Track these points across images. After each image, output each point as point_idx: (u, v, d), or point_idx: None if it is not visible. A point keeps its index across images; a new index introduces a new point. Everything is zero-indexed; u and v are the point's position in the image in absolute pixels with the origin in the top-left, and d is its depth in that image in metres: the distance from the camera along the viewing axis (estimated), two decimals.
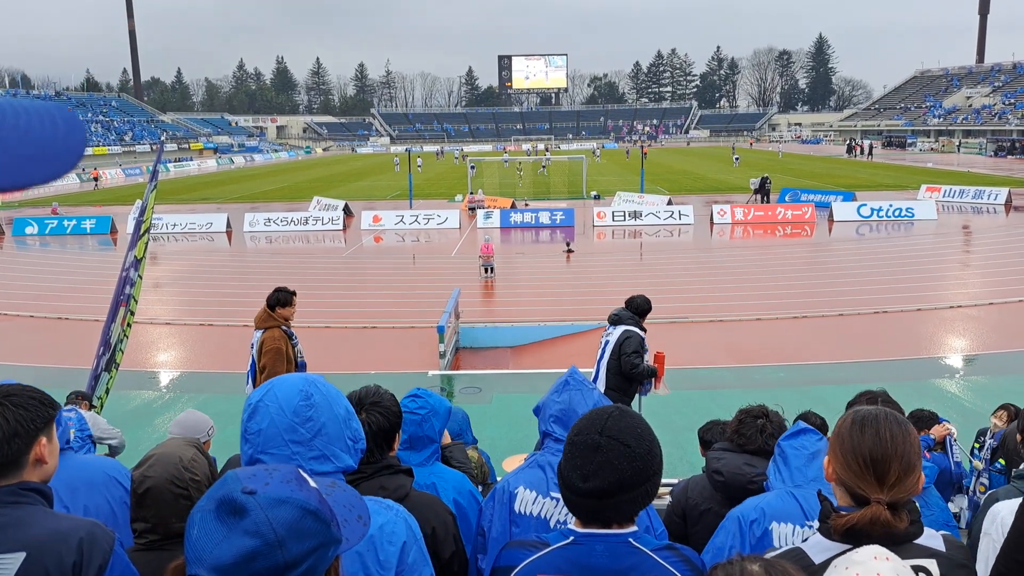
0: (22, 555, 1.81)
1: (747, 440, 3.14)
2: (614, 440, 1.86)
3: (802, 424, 2.76)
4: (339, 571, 1.32)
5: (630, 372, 6.82)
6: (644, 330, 7.12)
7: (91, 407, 5.86)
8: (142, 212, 6.22)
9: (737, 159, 61.80)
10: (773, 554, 1.80)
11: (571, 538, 1.92)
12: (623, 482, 1.84)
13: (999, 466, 5.46)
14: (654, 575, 1.84)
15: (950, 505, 5.56)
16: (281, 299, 6.75)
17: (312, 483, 1.31)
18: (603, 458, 1.85)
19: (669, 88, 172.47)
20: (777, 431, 3.13)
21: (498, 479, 3.78)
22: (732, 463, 3.10)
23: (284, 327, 6.76)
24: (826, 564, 1.63)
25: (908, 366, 11.63)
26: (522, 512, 2.57)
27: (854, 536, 1.73)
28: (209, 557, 1.16)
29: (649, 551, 1.87)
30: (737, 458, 3.12)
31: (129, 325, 6.34)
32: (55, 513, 1.97)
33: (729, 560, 1.20)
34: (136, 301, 6.38)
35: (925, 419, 5.57)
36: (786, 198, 32.93)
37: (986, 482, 5.60)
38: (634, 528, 1.91)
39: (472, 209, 31.72)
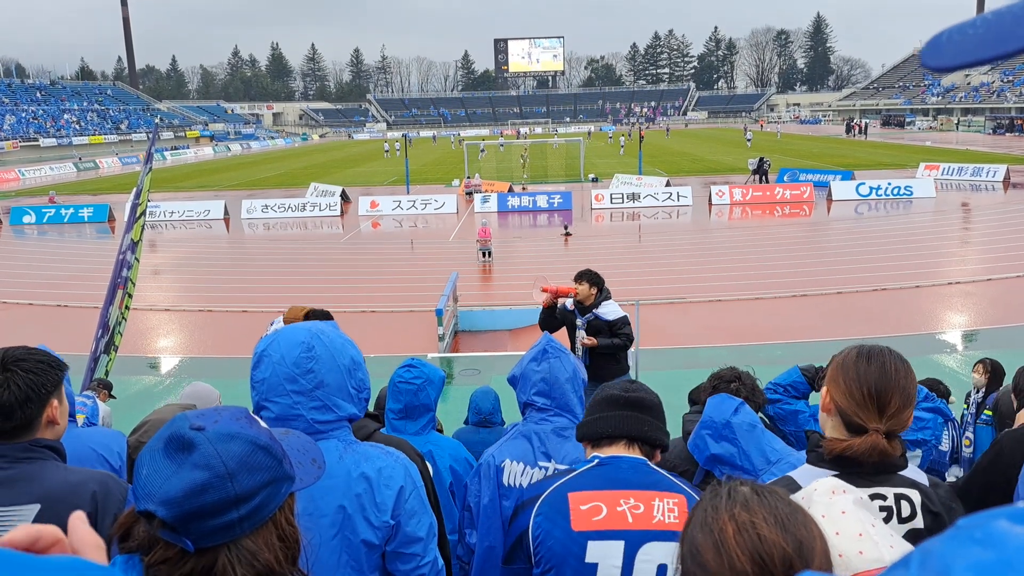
0: (36, 507, 1.87)
1: None
2: (639, 385, 2.27)
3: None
4: (293, 509, 1.30)
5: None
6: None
7: (109, 396, 5.85)
8: (137, 195, 6.21)
9: (749, 139, 60.93)
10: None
11: (596, 461, 2.09)
12: (656, 402, 2.19)
13: (985, 417, 5.52)
14: (674, 489, 2.05)
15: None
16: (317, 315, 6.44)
17: (263, 424, 1.30)
18: (640, 385, 2.24)
19: (667, 70, 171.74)
20: (750, 393, 3.19)
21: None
22: None
23: None
24: None
25: (907, 342, 11.65)
26: (511, 484, 2.58)
27: (844, 462, 1.78)
28: (159, 492, 1.14)
29: (666, 473, 2.09)
30: None
31: (127, 308, 6.35)
32: (67, 467, 2.04)
33: (719, 481, 1.21)
34: (134, 284, 6.39)
35: (941, 392, 5.60)
36: (784, 178, 32.85)
37: (971, 436, 5.65)
38: (648, 460, 2.12)
39: (469, 193, 31.63)
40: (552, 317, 6.53)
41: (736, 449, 2.46)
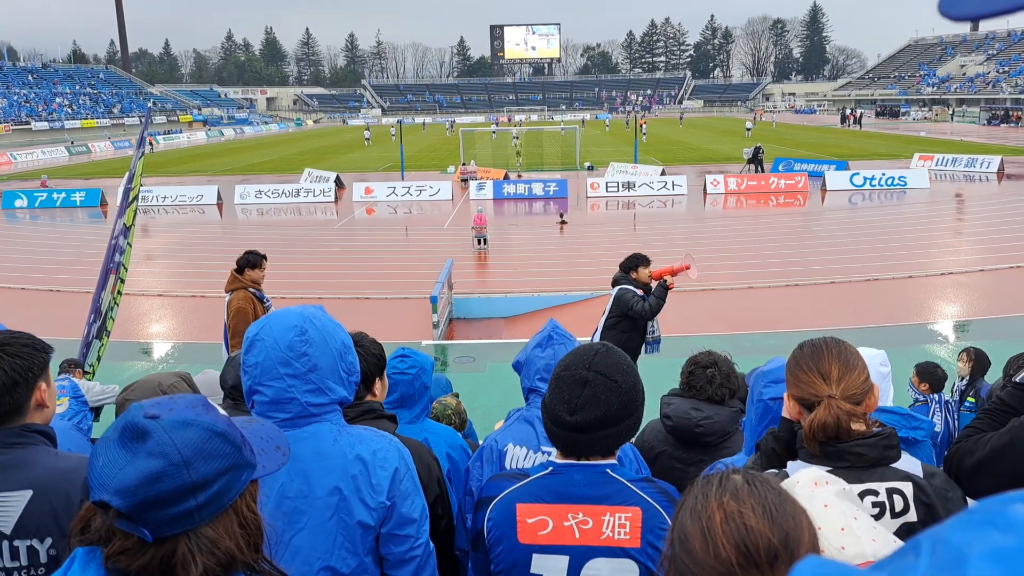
0: (28, 493, 1.87)
1: (698, 391, 3.20)
2: (601, 375, 1.91)
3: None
4: (255, 497, 1.29)
5: (639, 316, 6.79)
6: (640, 283, 7.05)
7: (84, 374, 5.83)
8: (130, 180, 6.17)
9: (750, 129, 60.43)
10: None
11: (550, 468, 1.98)
12: (609, 416, 1.90)
13: (968, 404, 5.65)
14: (630, 502, 1.90)
15: None
16: (251, 261, 6.76)
17: (221, 411, 1.29)
18: (591, 392, 1.90)
19: (663, 58, 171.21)
20: (725, 379, 3.18)
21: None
22: (680, 408, 3.18)
23: (253, 290, 6.76)
24: None
25: (900, 332, 11.69)
26: (513, 469, 2.57)
27: (834, 456, 1.78)
28: (113, 481, 1.13)
29: (626, 481, 1.94)
30: (684, 403, 3.20)
31: (119, 293, 6.31)
32: (59, 452, 2.03)
33: (714, 471, 1.21)
34: (126, 269, 6.35)
35: (939, 379, 5.69)
36: (779, 168, 32.86)
37: (956, 423, 5.81)
38: (613, 460, 1.97)
39: (465, 180, 31.56)
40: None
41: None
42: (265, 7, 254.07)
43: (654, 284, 6.89)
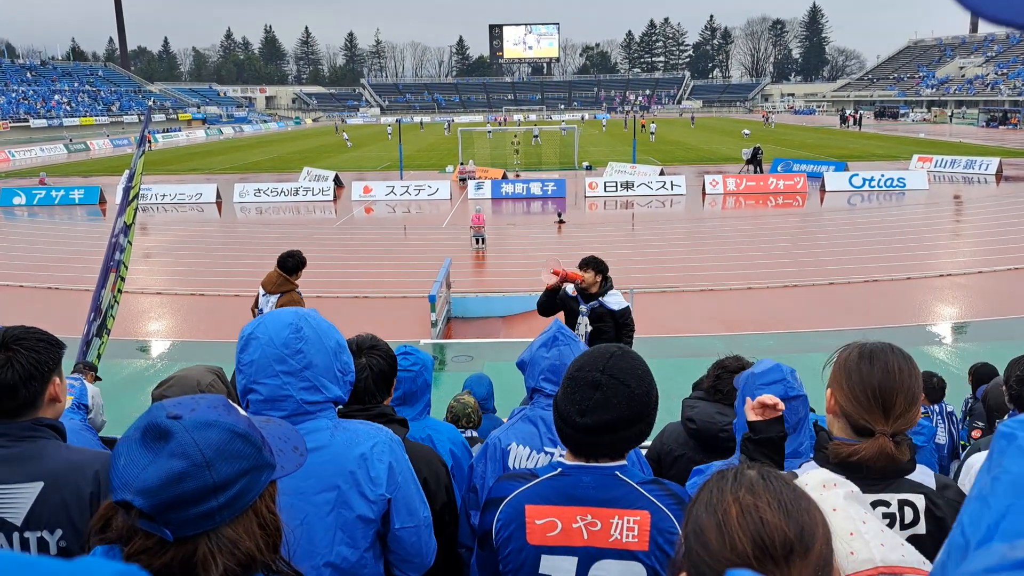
0: (40, 485, 1.90)
1: (724, 395, 3.17)
2: (615, 379, 1.90)
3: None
4: (274, 497, 1.30)
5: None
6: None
7: (96, 379, 5.84)
8: (130, 178, 6.17)
9: (747, 132, 60.33)
10: None
11: (559, 470, 1.97)
12: (619, 420, 1.88)
13: (967, 421, 5.63)
14: (639, 505, 1.88)
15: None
16: (303, 261, 6.93)
17: (242, 411, 1.29)
18: (602, 396, 1.88)
19: (662, 58, 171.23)
20: None
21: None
22: (704, 412, 3.15)
23: (298, 290, 6.97)
24: None
25: (898, 333, 11.71)
26: (516, 468, 2.58)
27: (850, 467, 1.74)
28: (135, 481, 1.13)
29: (635, 484, 1.93)
30: (710, 407, 3.16)
31: (120, 291, 6.32)
32: (70, 446, 2.06)
33: (729, 467, 1.22)
34: (126, 267, 6.36)
35: (935, 389, 5.63)
36: (778, 168, 32.88)
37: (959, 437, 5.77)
38: (623, 462, 1.96)
39: (463, 180, 31.56)
40: (553, 301, 6.41)
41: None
42: (264, 5, 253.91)
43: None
